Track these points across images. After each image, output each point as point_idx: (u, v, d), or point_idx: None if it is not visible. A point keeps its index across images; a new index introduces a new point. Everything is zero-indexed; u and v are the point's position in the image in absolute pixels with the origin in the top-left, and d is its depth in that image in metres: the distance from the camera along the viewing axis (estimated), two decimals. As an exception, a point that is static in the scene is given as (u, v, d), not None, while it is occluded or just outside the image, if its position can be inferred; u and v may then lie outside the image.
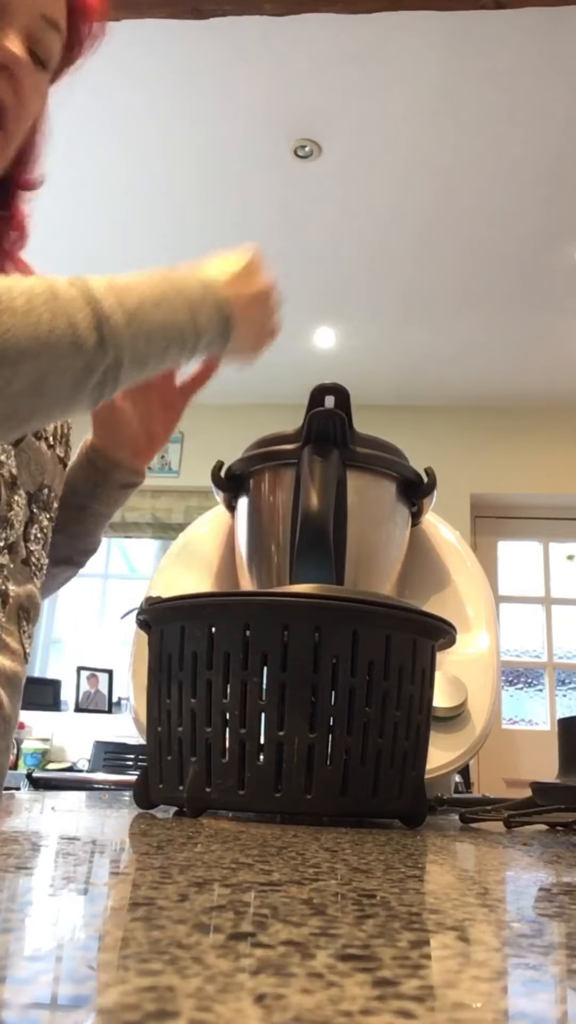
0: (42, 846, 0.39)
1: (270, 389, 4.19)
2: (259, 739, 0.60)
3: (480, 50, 2.35)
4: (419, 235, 3.11)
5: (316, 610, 0.62)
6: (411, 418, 4.15)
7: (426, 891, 0.31)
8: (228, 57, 2.41)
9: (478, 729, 0.86)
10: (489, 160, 2.73)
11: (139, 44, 2.37)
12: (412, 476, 0.94)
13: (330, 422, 0.83)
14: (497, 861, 0.43)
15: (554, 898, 0.31)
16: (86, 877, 0.30)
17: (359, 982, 0.16)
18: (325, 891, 0.27)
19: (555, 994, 0.17)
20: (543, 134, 2.61)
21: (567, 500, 4.21)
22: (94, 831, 0.50)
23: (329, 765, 0.60)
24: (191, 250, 3.25)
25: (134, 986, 0.15)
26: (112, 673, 4.06)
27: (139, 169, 2.87)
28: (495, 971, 0.18)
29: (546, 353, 3.83)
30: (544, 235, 3.06)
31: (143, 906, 0.23)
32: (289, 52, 2.39)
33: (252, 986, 0.15)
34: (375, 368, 4.01)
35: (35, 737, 3.74)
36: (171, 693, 0.64)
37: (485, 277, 3.33)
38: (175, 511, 4.33)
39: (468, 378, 4.08)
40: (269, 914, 0.23)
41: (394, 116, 2.58)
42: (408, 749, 0.64)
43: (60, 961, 0.18)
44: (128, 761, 3.26)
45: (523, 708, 4.12)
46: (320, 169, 2.82)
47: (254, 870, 0.32)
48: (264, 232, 3.14)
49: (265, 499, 0.94)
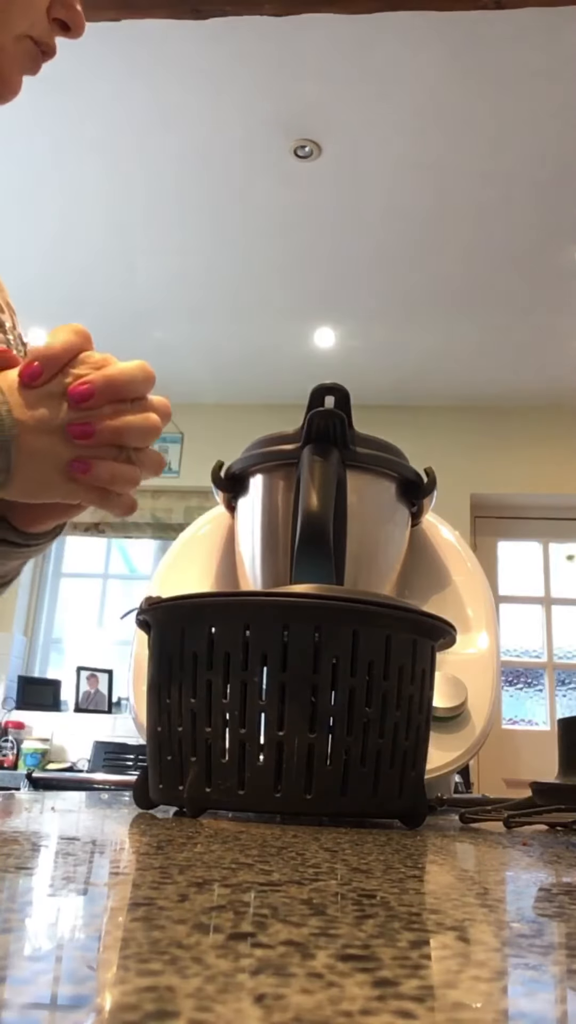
0: (42, 846, 0.39)
1: (270, 389, 4.19)
2: (259, 739, 0.60)
3: (480, 50, 2.35)
4: (419, 235, 3.11)
5: (316, 610, 0.62)
6: (411, 418, 4.15)
7: (426, 891, 0.31)
8: (228, 57, 2.41)
9: (478, 729, 0.86)
10: (489, 160, 2.73)
11: (139, 44, 2.37)
12: (412, 476, 0.94)
13: (330, 422, 0.83)
14: (497, 861, 0.43)
15: (554, 898, 0.31)
16: (86, 877, 0.30)
17: (359, 982, 0.16)
18: (325, 891, 0.27)
19: (555, 994, 0.17)
20: (543, 134, 2.61)
21: (567, 500, 4.21)
22: (94, 831, 0.50)
23: (329, 765, 0.60)
24: (191, 250, 3.27)
25: (134, 986, 0.15)
26: (112, 673, 4.06)
27: (139, 169, 2.87)
28: (495, 971, 0.18)
29: (546, 353, 3.83)
30: (544, 235, 3.06)
31: (143, 906, 0.23)
32: (289, 52, 2.39)
33: (252, 986, 0.15)
34: (375, 368, 4.01)
35: (35, 737, 3.74)
36: (171, 693, 0.64)
37: (485, 277, 3.33)
38: (175, 511, 4.33)
39: (468, 378, 4.08)
40: (269, 914, 0.23)
41: (394, 116, 2.58)
42: (408, 749, 0.64)
43: (60, 961, 0.18)
44: (128, 761, 3.26)
45: (523, 708, 4.12)
46: (320, 169, 2.82)
47: (254, 870, 0.32)
48: (264, 232, 3.14)
49: (265, 499, 0.94)
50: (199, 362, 4.11)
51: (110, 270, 3.37)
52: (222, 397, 4.36)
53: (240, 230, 3.12)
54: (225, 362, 4.10)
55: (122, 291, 3.54)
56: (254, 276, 3.41)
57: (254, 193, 2.95)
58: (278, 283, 3.46)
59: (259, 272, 3.39)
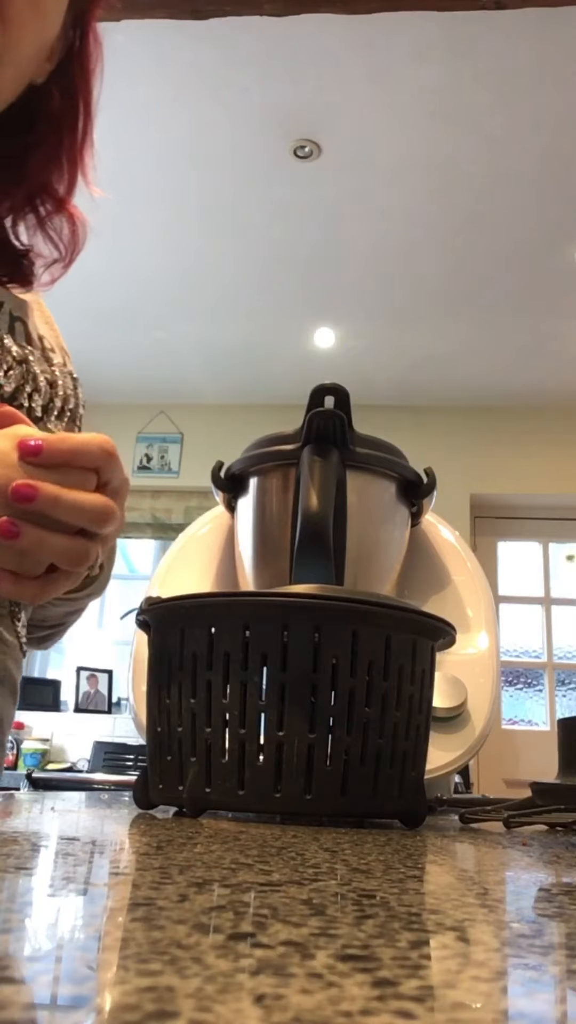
0: (42, 846, 0.39)
1: (270, 389, 4.19)
2: (259, 739, 0.60)
3: (480, 50, 2.35)
4: (419, 235, 3.11)
5: (316, 610, 0.62)
6: (411, 418, 4.15)
7: (426, 891, 0.31)
8: (228, 57, 2.41)
9: (478, 729, 0.86)
10: (489, 160, 2.73)
11: (139, 44, 2.37)
12: (412, 476, 0.94)
13: (330, 422, 0.83)
14: (497, 861, 0.43)
15: (554, 898, 0.31)
16: (86, 877, 0.30)
17: (359, 982, 0.16)
18: (325, 891, 0.27)
19: (555, 994, 0.17)
20: (543, 134, 2.61)
21: (567, 500, 4.21)
22: (94, 831, 0.50)
23: (329, 765, 0.60)
24: (191, 250, 3.27)
25: (134, 986, 0.15)
26: (112, 673, 4.06)
27: (139, 169, 2.87)
28: (495, 971, 0.18)
29: (546, 353, 3.83)
30: (544, 235, 3.06)
31: (143, 906, 0.23)
32: (289, 52, 2.39)
33: (252, 986, 0.15)
34: (375, 368, 4.01)
35: (35, 737, 3.74)
36: (171, 693, 0.64)
37: (485, 277, 3.33)
38: (175, 511, 4.33)
39: (468, 378, 4.08)
40: (269, 914, 0.23)
41: (394, 116, 2.58)
42: (408, 749, 0.64)
43: (60, 961, 0.18)
44: (128, 761, 3.26)
45: (523, 708, 4.12)
46: (320, 169, 2.82)
47: (254, 870, 0.32)
48: (264, 232, 3.14)
49: (265, 499, 0.94)
50: (199, 362, 4.11)
51: (110, 270, 3.36)
52: (222, 397, 4.36)
53: (240, 230, 3.12)
54: (225, 362, 4.10)
55: (122, 291, 3.54)
56: (254, 276, 3.41)
57: (254, 193, 2.95)
58: (278, 283, 3.46)
59: (259, 272, 3.39)
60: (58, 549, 0.50)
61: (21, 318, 0.76)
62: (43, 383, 0.72)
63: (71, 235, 0.79)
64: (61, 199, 0.76)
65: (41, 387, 0.72)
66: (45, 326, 0.83)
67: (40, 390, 0.72)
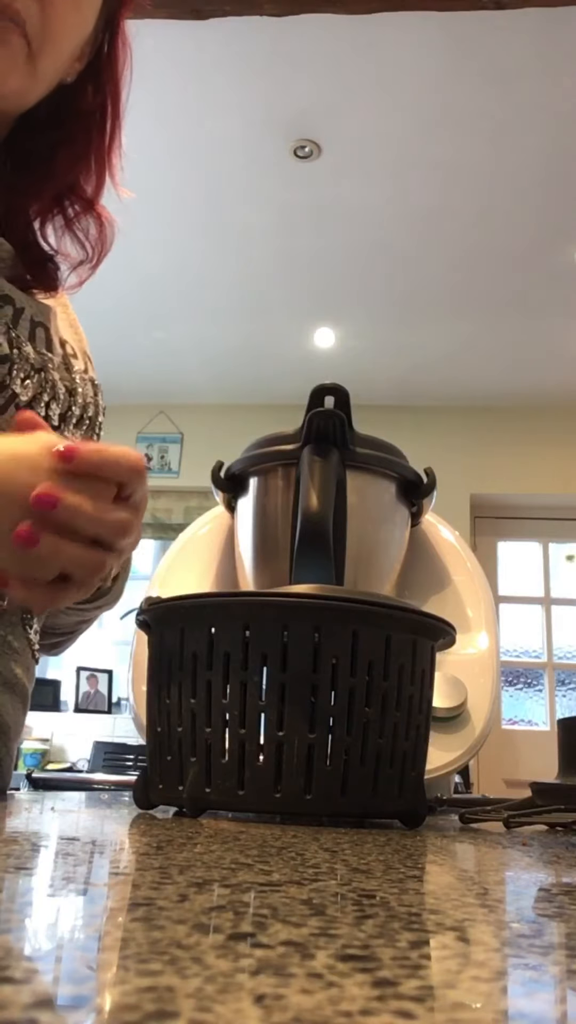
0: (42, 846, 0.39)
1: (270, 389, 4.19)
2: (259, 739, 0.60)
3: (480, 50, 2.35)
4: (419, 235, 3.11)
5: (316, 610, 0.62)
6: (411, 418, 4.15)
7: (426, 891, 0.31)
8: (228, 57, 2.41)
9: (478, 729, 0.86)
10: (489, 160, 2.73)
11: (139, 44, 2.37)
12: (412, 476, 0.94)
13: (330, 422, 0.83)
14: (497, 861, 0.43)
15: (554, 898, 0.31)
16: (86, 877, 0.30)
17: (359, 982, 0.16)
18: (325, 891, 0.27)
19: (555, 994, 0.17)
20: (543, 135, 2.61)
21: (567, 500, 4.21)
22: (94, 831, 0.50)
23: (329, 765, 0.60)
24: (190, 250, 3.27)
25: (134, 986, 0.15)
26: (112, 673, 4.06)
27: (138, 169, 2.86)
28: (495, 971, 0.18)
29: (546, 353, 3.83)
30: (544, 235, 3.06)
31: (143, 906, 0.23)
32: (289, 52, 2.39)
33: (252, 986, 0.15)
34: (375, 368, 4.01)
35: (35, 737, 3.74)
36: (171, 693, 0.64)
37: (485, 277, 3.33)
38: (175, 511, 4.33)
39: (468, 378, 4.08)
40: (269, 914, 0.23)
41: (394, 116, 2.58)
42: (408, 749, 0.64)
43: (59, 961, 0.18)
44: (128, 761, 3.26)
45: (523, 708, 4.12)
46: (320, 169, 2.82)
47: (254, 870, 0.32)
48: (264, 232, 3.14)
49: (265, 499, 0.94)
50: (199, 362, 4.11)
51: (110, 270, 3.36)
52: (222, 397, 4.36)
53: (240, 230, 3.12)
54: (225, 362, 4.10)
55: (122, 291, 3.54)
56: (254, 276, 3.41)
57: (254, 193, 2.95)
58: (278, 283, 3.46)
59: (259, 272, 3.39)
60: (73, 558, 0.50)
61: (43, 323, 0.74)
62: (62, 391, 0.72)
63: (99, 236, 0.80)
64: (90, 199, 0.77)
65: (60, 396, 0.71)
66: (69, 330, 0.82)
67: (58, 398, 0.71)
